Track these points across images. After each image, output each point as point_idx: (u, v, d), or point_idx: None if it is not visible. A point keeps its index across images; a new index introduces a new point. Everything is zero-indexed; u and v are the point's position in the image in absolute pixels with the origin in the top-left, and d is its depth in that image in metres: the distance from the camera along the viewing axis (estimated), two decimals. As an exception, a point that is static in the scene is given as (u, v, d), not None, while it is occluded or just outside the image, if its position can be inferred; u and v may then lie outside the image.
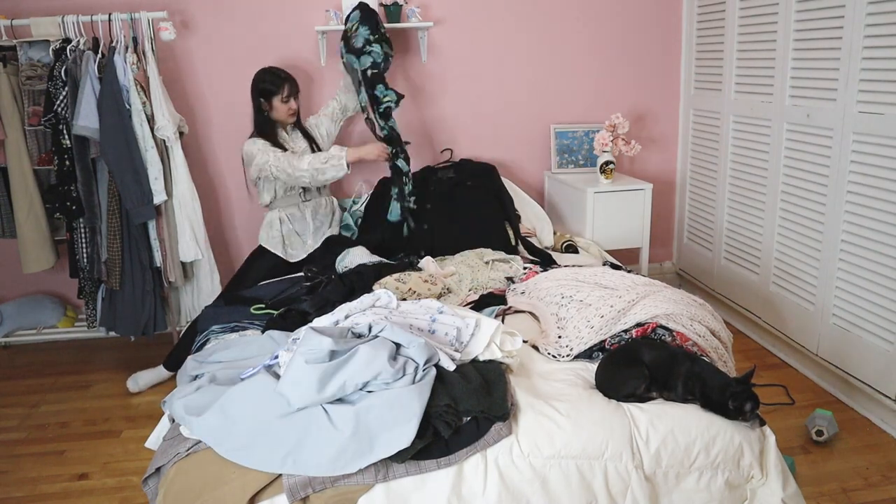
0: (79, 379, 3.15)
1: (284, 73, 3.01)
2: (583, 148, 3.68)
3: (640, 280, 2.33)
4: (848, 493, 2.19)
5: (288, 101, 2.99)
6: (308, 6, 3.36)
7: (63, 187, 2.94)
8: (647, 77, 3.75)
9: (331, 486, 1.55)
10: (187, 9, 3.30)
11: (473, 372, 1.76)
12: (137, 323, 3.02)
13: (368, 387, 1.67)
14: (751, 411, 1.70)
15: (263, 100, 2.98)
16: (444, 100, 3.61)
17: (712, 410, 1.73)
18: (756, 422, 1.73)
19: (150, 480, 1.65)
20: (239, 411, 1.64)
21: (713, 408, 1.73)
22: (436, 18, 3.46)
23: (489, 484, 1.61)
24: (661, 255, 4.05)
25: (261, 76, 3.00)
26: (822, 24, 2.68)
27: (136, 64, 2.90)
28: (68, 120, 2.87)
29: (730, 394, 1.70)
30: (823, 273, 2.76)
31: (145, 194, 2.91)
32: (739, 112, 3.26)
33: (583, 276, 2.39)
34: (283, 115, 3.01)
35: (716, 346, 2.03)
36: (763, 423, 1.74)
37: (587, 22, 3.62)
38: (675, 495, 1.71)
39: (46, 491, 2.34)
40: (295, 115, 3.04)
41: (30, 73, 2.94)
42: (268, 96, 2.97)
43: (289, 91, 2.98)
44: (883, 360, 2.51)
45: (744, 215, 3.30)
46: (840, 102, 2.60)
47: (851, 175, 2.58)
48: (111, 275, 2.98)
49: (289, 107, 3.00)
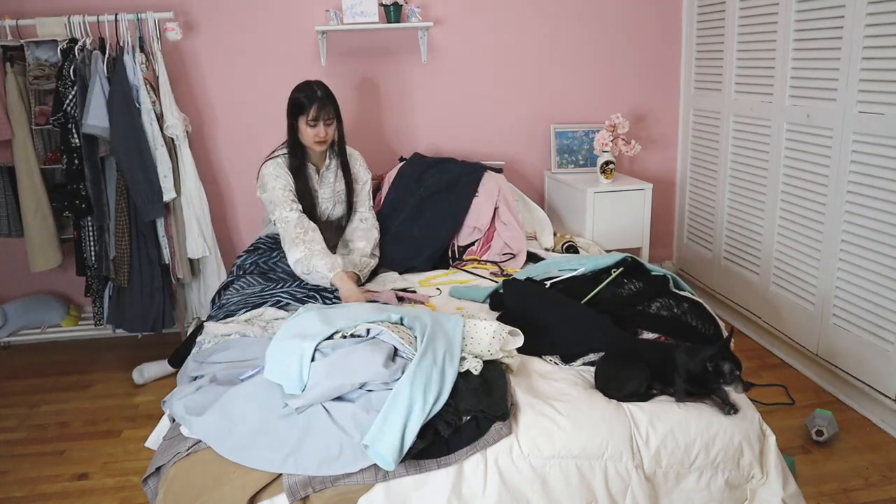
0: (79, 379, 3.15)
1: (323, 91, 2.56)
2: (583, 148, 3.68)
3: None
4: (848, 493, 2.19)
5: (315, 126, 2.54)
6: (308, 6, 3.37)
7: (72, 186, 2.96)
8: (647, 77, 3.75)
9: (331, 485, 1.55)
10: (190, 9, 3.30)
11: (473, 371, 1.76)
12: (146, 320, 3.06)
13: (367, 386, 1.67)
14: (730, 373, 1.68)
15: (293, 118, 2.57)
16: (444, 100, 3.61)
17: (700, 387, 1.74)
18: (739, 385, 1.70)
19: (150, 480, 1.65)
20: (239, 411, 1.64)
21: (699, 382, 1.73)
22: (436, 18, 3.46)
23: (489, 484, 1.61)
24: (662, 255, 4.05)
25: (297, 87, 2.59)
26: (822, 24, 2.68)
27: (145, 63, 2.93)
28: (77, 119, 2.89)
29: (707, 357, 1.70)
30: (823, 273, 2.76)
31: (155, 192, 2.95)
32: (739, 112, 3.26)
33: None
34: (308, 140, 2.57)
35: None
36: (748, 387, 1.70)
37: (587, 22, 3.62)
38: (675, 495, 1.71)
39: (46, 491, 2.35)
40: (324, 144, 2.60)
41: (37, 73, 2.96)
42: (295, 115, 2.55)
43: (316, 113, 2.51)
44: (883, 360, 2.51)
45: (744, 215, 3.30)
46: (840, 102, 2.60)
47: (851, 175, 2.58)
48: (119, 272, 3.00)
49: (315, 132, 2.54)
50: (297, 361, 1.69)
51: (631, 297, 2.17)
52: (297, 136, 2.60)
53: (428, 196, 3.06)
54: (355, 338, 1.80)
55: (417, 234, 2.96)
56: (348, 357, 1.69)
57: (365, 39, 3.47)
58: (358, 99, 3.53)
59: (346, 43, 3.45)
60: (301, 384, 1.67)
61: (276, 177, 2.58)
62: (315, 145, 2.59)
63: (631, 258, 2.36)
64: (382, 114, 3.58)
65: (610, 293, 2.20)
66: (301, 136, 2.59)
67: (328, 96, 2.56)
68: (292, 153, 2.62)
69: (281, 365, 1.71)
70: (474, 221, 3.06)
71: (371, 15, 3.23)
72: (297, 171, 2.62)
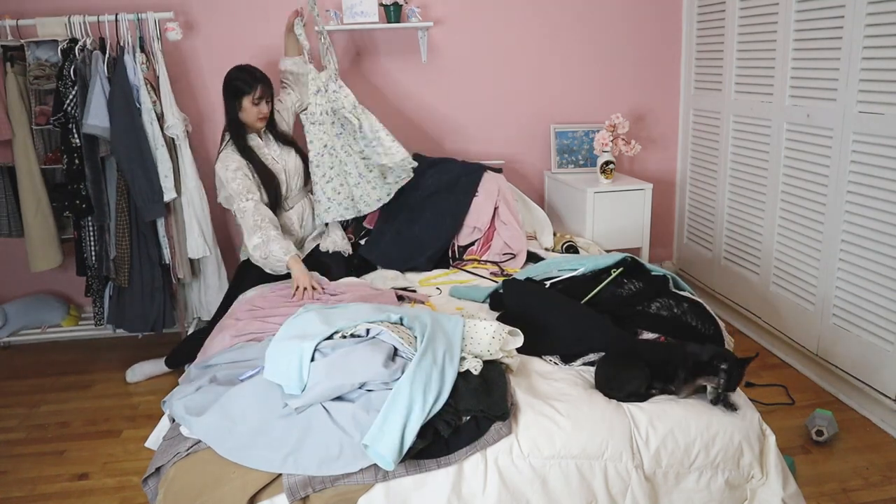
0: (79, 379, 3.15)
1: (260, 72, 2.77)
2: (583, 148, 3.68)
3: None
4: (848, 493, 2.19)
5: (259, 104, 2.73)
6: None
7: (72, 186, 2.96)
8: (647, 77, 3.75)
9: (331, 485, 1.55)
10: (190, 9, 3.30)
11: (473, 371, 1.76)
12: (146, 320, 3.06)
13: (367, 386, 1.67)
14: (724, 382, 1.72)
15: (235, 99, 2.73)
16: (444, 100, 3.61)
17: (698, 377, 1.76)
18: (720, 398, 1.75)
19: (150, 480, 1.65)
20: (239, 411, 1.65)
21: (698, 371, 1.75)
22: (436, 18, 3.46)
23: (489, 484, 1.61)
24: (662, 255, 4.05)
25: (233, 73, 2.76)
26: (822, 24, 2.68)
27: (145, 63, 2.93)
28: (78, 119, 2.89)
29: (717, 353, 1.73)
30: (823, 273, 2.76)
31: (156, 192, 2.95)
32: (739, 112, 3.26)
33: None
34: (252, 118, 2.75)
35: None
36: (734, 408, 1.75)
37: (587, 22, 3.62)
38: (674, 495, 1.71)
39: (46, 491, 2.34)
40: (265, 120, 2.80)
41: (38, 73, 2.96)
42: (238, 96, 2.72)
43: (262, 92, 2.72)
44: (883, 360, 2.51)
45: (744, 215, 3.29)
46: (840, 102, 2.60)
47: (851, 175, 2.58)
48: (120, 272, 3.00)
49: (259, 109, 2.74)
50: (296, 361, 1.69)
51: (631, 297, 2.17)
52: (238, 115, 2.75)
53: (428, 196, 3.06)
54: (355, 338, 1.80)
55: (418, 233, 2.97)
56: (348, 357, 1.70)
57: (365, 39, 3.47)
58: (358, 99, 3.52)
59: (346, 43, 3.45)
60: (301, 384, 1.67)
61: (227, 166, 2.69)
62: (258, 122, 2.77)
63: (631, 258, 2.36)
64: (382, 114, 3.56)
65: (610, 293, 2.21)
66: (243, 115, 2.75)
67: (265, 77, 2.77)
68: (235, 134, 2.76)
69: (281, 365, 1.71)
70: (474, 221, 3.07)
71: (371, 15, 3.23)
72: (245, 148, 2.75)
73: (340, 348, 1.73)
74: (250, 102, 2.72)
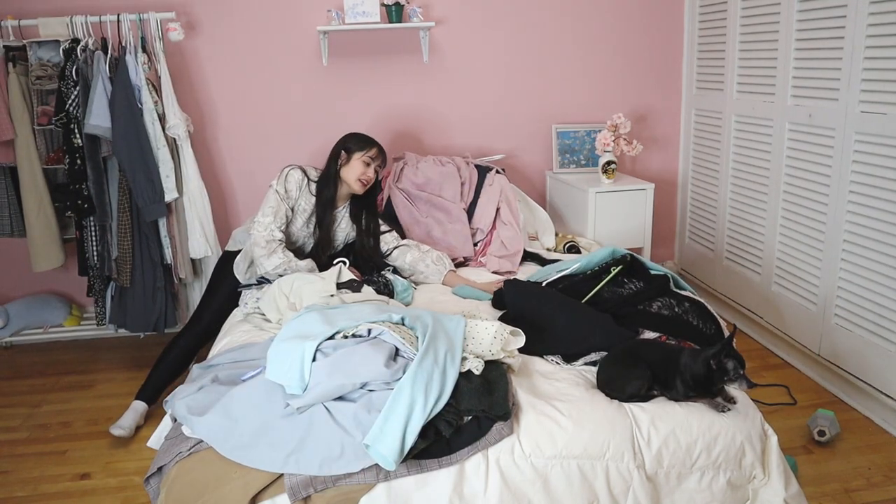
0: (81, 378, 3.15)
1: (380, 144, 2.69)
2: (584, 148, 3.68)
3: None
4: (850, 494, 2.19)
5: (369, 166, 2.61)
6: (310, 6, 3.37)
7: (74, 186, 2.96)
8: (648, 77, 3.75)
9: (332, 485, 1.55)
10: (192, 10, 3.31)
11: (474, 371, 1.76)
12: (148, 320, 3.07)
13: (369, 386, 1.67)
14: (734, 370, 1.68)
15: (345, 152, 2.63)
16: (445, 100, 3.61)
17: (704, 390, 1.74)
18: (743, 382, 1.69)
19: (151, 480, 1.66)
20: (241, 411, 1.65)
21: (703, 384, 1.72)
22: (437, 18, 3.46)
23: (491, 484, 1.61)
24: (663, 255, 4.05)
25: (350, 135, 2.70)
26: (824, 24, 2.67)
27: (147, 63, 2.93)
28: (80, 119, 2.90)
29: (710, 355, 1.70)
30: (825, 273, 2.76)
31: (157, 192, 2.96)
32: (741, 112, 3.26)
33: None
34: (354, 174, 2.60)
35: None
36: (752, 384, 1.69)
37: (588, 21, 3.62)
38: (676, 495, 1.71)
39: (48, 491, 2.35)
40: (366, 186, 2.64)
41: (40, 73, 2.96)
42: (351, 151, 2.62)
43: (376, 154, 2.63)
44: (885, 360, 2.51)
45: (745, 215, 3.29)
46: (842, 102, 2.60)
47: (853, 175, 2.58)
48: (122, 272, 3.01)
49: (365, 171, 2.60)
50: (298, 361, 1.69)
51: (632, 296, 2.17)
52: (340, 169, 2.62)
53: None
54: (356, 338, 1.81)
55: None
56: (350, 357, 1.70)
57: (366, 39, 3.47)
58: (359, 99, 3.53)
59: (347, 43, 3.45)
60: (302, 384, 1.67)
61: (291, 191, 2.60)
62: (356, 183, 2.61)
63: (630, 255, 2.36)
64: (383, 114, 3.58)
65: (611, 292, 2.21)
66: (346, 170, 2.61)
67: (384, 150, 2.70)
68: (325, 182, 2.64)
69: (282, 365, 1.71)
70: (477, 222, 3.07)
71: (372, 15, 3.23)
72: (328, 200, 2.64)
73: (342, 348, 1.73)
74: (361, 161, 2.60)
